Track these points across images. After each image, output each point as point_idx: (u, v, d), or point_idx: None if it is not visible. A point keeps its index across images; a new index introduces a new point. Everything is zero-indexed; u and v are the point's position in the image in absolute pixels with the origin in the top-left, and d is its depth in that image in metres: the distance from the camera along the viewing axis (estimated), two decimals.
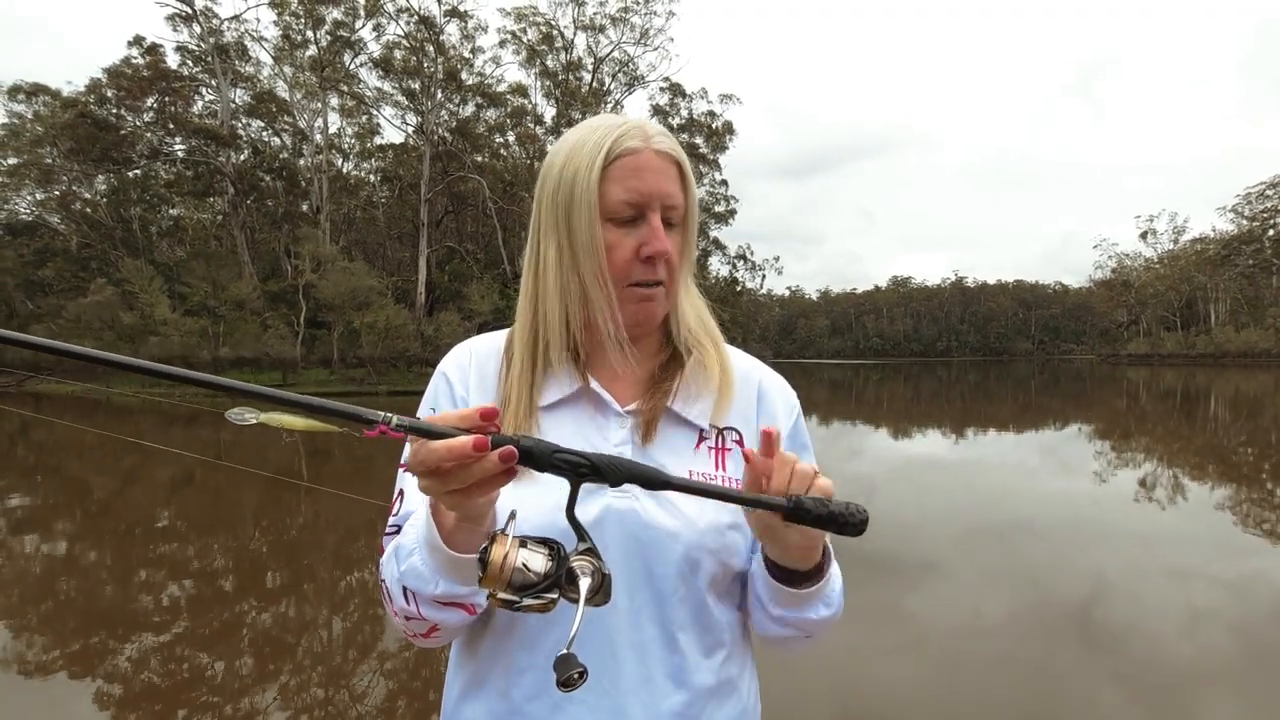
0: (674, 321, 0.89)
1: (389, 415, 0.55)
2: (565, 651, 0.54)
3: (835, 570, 0.82)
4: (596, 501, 0.80)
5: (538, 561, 0.57)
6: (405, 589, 0.74)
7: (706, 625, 0.83)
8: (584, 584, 0.57)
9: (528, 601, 0.57)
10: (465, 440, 0.56)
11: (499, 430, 0.58)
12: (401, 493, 0.84)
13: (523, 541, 0.58)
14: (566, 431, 0.84)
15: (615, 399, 0.86)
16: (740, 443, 0.87)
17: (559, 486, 0.80)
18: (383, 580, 0.79)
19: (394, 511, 0.84)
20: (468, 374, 0.90)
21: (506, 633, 0.82)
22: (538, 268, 0.86)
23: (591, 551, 0.60)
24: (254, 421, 0.54)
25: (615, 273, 0.82)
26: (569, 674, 0.54)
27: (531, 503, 0.79)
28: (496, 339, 0.93)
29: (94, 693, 3.46)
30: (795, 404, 0.93)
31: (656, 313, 0.85)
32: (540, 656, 0.80)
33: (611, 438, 0.83)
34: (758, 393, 0.91)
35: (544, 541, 0.59)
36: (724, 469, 0.85)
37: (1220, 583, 5.03)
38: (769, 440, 0.68)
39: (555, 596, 0.57)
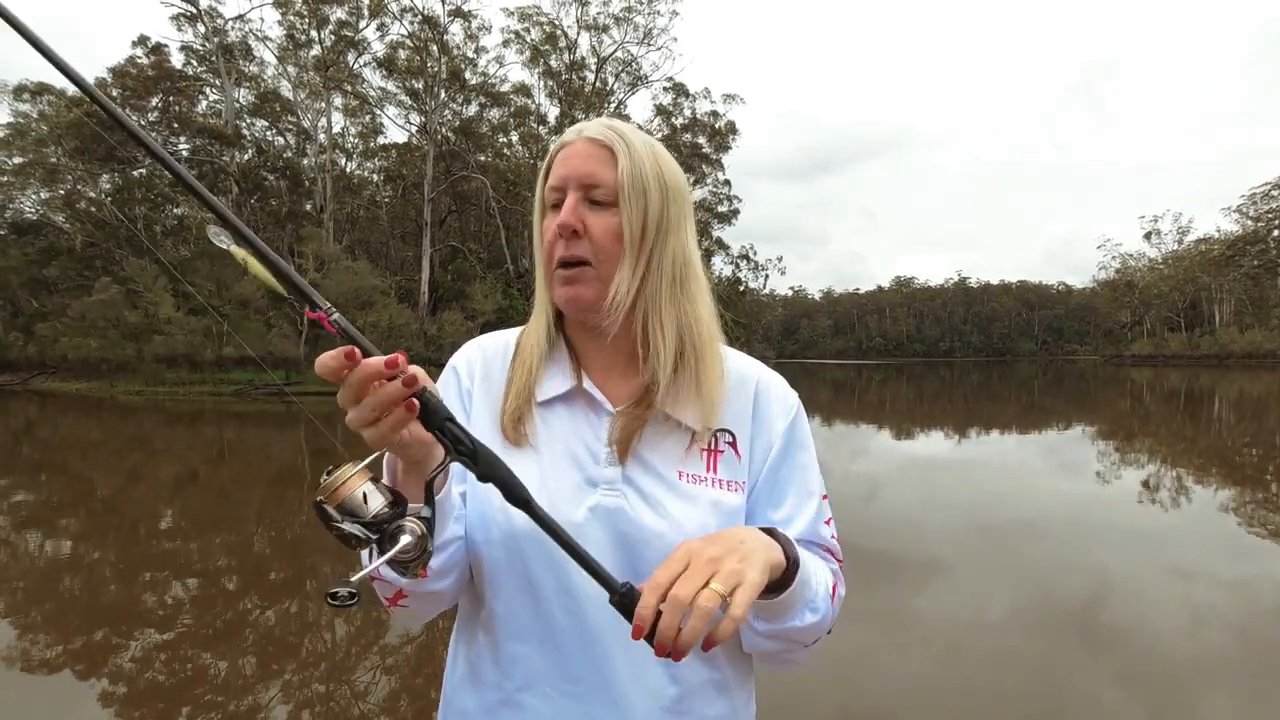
0: (617, 306, 0.84)
1: (333, 309, 0.60)
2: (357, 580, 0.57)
3: (813, 574, 0.80)
4: (586, 499, 0.82)
5: (376, 501, 0.60)
6: None
7: None
8: (402, 540, 0.60)
9: (344, 526, 0.59)
10: (378, 359, 0.60)
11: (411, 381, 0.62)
12: None
13: (376, 478, 0.62)
14: (563, 427, 0.86)
15: (608, 399, 0.87)
16: (734, 444, 0.87)
17: (553, 492, 0.82)
18: None
19: None
20: (474, 369, 0.93)
21: (498, 625, 0.84)
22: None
23: (428, 521, 0.63)
24: (226, 246, 0.58)
25: (544, 255, 0.87)
26: (335, 589, 0.54)
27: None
28: (506, 336, 0.96)
29: (99, 692, 3.47)
30: (794, 403, 0.93)
31: (581, 295, 0.84)
32: (531, 648, 0.82)
33: (603, 436, 0.84)
34: (754, 393, 0.91)
35: (394, 492, 0.63)
36: (715, 470, 0.86)
37: (1223, 583, 5.02)
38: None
39: (370, 538, 0.60)
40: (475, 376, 0.92)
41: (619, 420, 0.85)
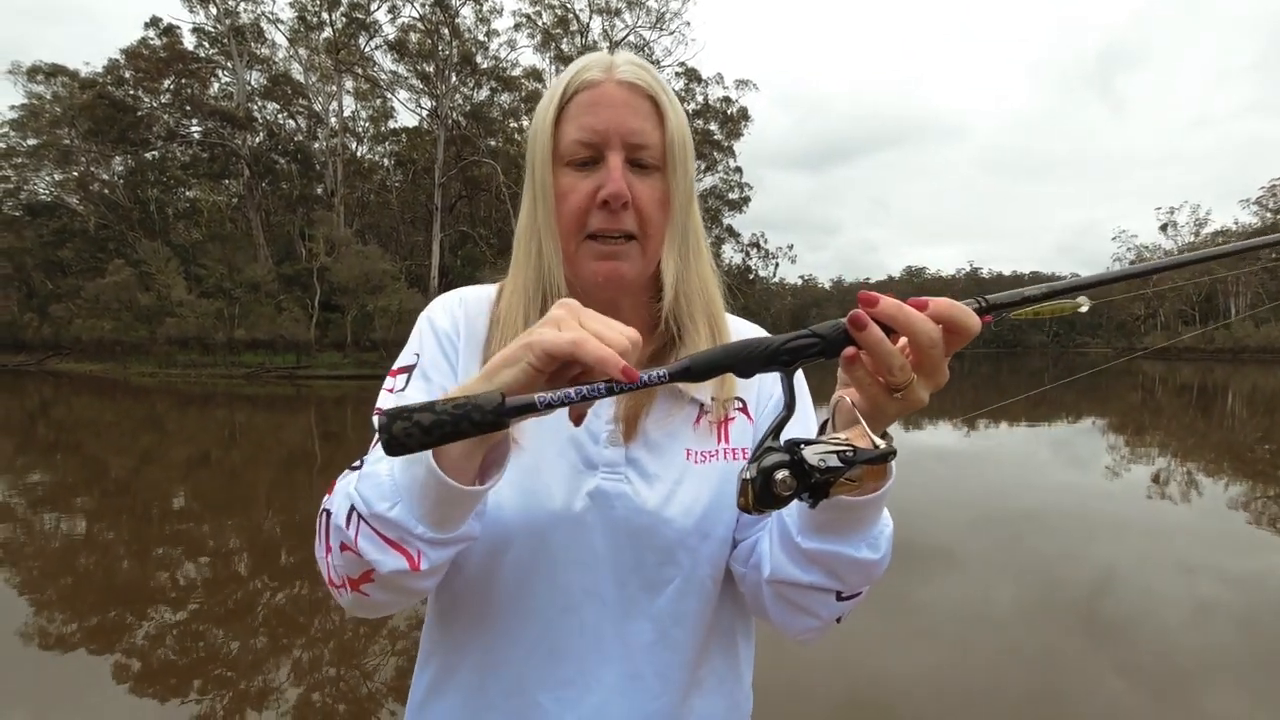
0: (666, 290, 0.76)
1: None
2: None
3: (886, 514, 0.69)
4: (584, 484, 0.73)
5: None
6: (353, 507, 0.61)
7: (706, 618, 0.77)
8: None
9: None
10: (619, 361, 0.50)
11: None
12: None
13: None
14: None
15: None
16: (745, 409, 0.81)
17: (546, 475, 0.73)
18: (325, 510, 0.65)
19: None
20: (459, 324, 0.80)
21: (485, 622, 0.75)
22: (519, 228, 0.80)
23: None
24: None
25: (570, 223, 0.73)
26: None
27: (507, 487, 0.71)
28: (487, 291, 0.84)
29: (113, 665, 3.54)
30: None
31: (623, 272, 0.74)
32: (521, 651, 0.74)
33: (603, 414, 0.76)
34: None
35: None
36: (726, 440, 0.78)
37: (1231, 578, 4.99)
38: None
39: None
40: (461, 332, 0.79)
41: (627, 394, 0.78)
